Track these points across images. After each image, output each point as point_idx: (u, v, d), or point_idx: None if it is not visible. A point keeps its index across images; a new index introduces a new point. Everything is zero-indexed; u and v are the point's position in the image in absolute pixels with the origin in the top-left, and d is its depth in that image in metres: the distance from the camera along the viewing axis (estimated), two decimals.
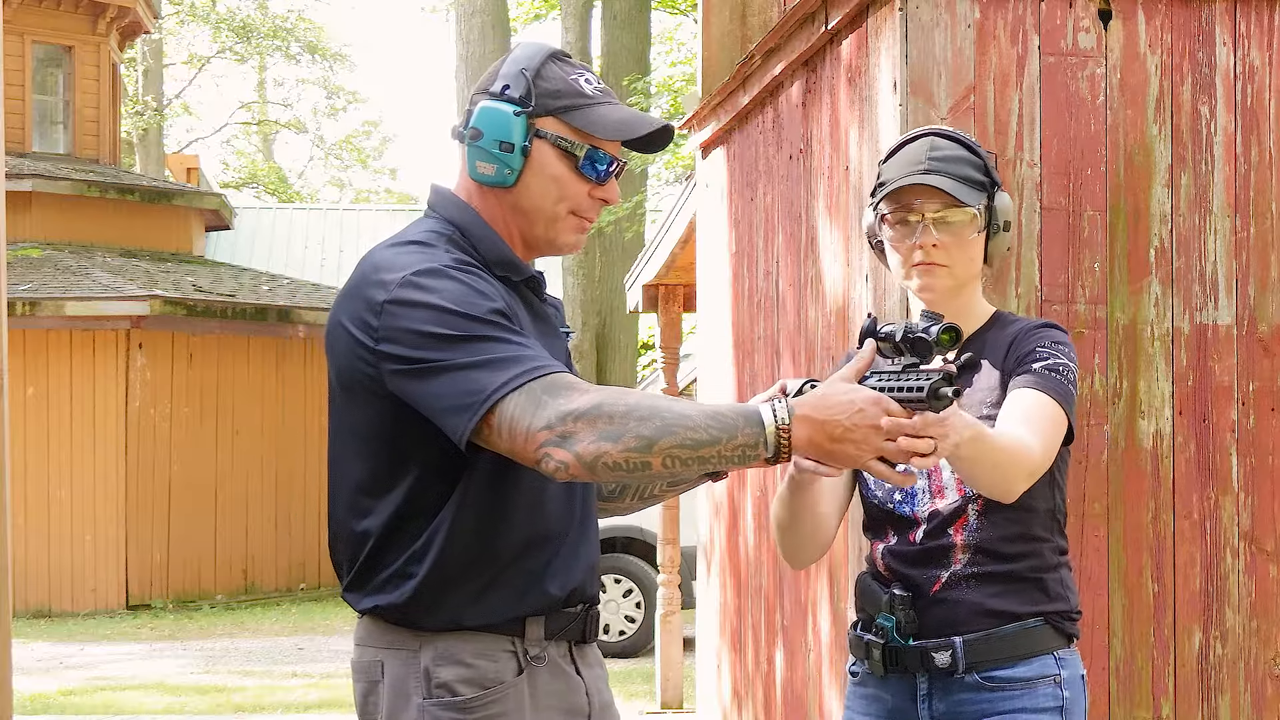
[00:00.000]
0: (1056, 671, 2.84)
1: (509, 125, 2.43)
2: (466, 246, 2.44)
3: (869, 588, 2.89)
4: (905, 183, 2.80)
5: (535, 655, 2.43)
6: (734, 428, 2.23)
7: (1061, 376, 2.78)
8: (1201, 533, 4.25)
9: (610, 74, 18.83)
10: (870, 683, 2.91)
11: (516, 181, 2.45)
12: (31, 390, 14.81)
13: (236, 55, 35.08)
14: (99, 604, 14.93)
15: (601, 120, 2.44)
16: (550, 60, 2.47)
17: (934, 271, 2.82)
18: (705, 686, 7.10)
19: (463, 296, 2.31)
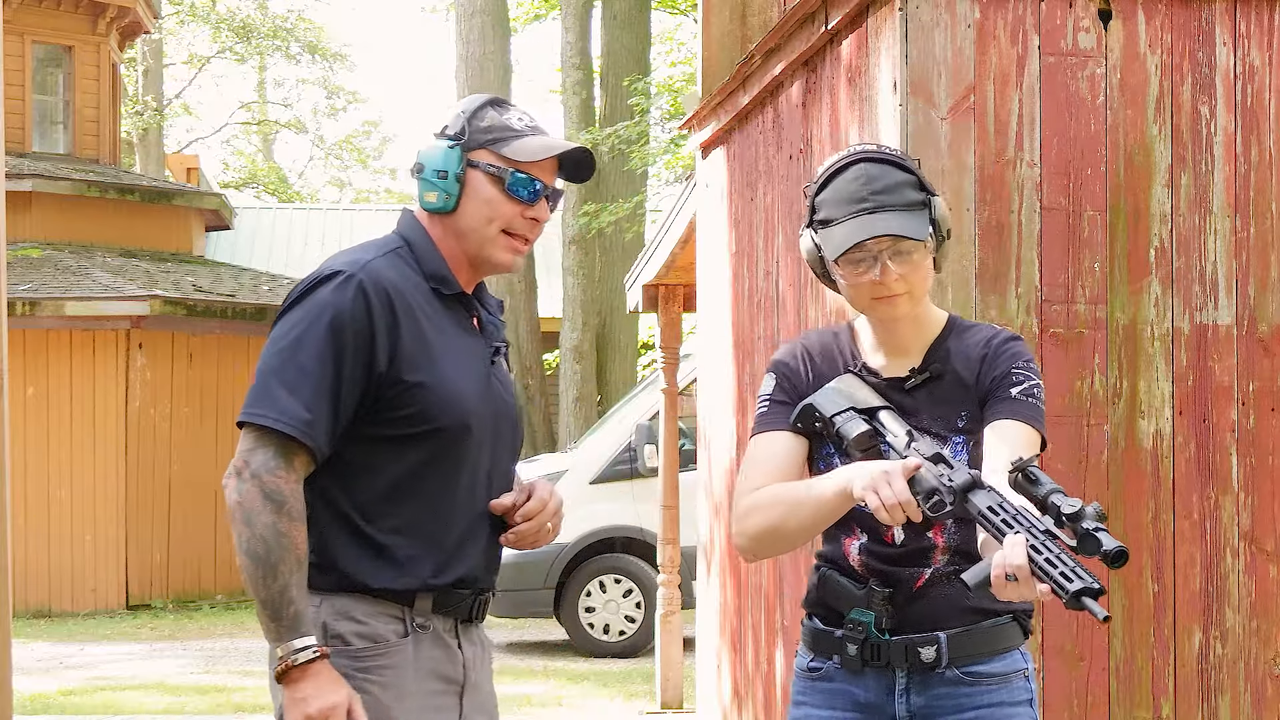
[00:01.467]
0: (1025, 665, 2.92)
1: (444, 157, 2.84)
2: (410, 259, 2.85)
3: (839, 584, 2.90)
4: (861, 237, 2.80)
5: (420, 624, 2.79)
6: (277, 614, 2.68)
7: (1036, 400, 2.85)
8: (1201, 533, 4.25)
9: (610, 74, 18.85)
10: (838, 678, 2.91)
11: (456, 206, 2.85)
12: (31, 390, 14.81)
13: (236, 55, 35.08)
14: (99, 604, 14.93)
15: (524, 147, 2.83)
16: (487, 105, 2.89)
17: (895, 301, 2.85)
18: (705, 686, 7.10)
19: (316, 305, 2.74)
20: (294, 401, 2.69)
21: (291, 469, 2.69)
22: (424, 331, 2.79)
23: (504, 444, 2.92)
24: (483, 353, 2.90)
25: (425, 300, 2.82)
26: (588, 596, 11.90)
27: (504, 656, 12.14)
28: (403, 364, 2.75)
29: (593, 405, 18.25)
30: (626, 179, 18.63)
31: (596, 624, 11.94)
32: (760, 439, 2.95)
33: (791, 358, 2.98)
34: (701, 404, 7.20)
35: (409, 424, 2.76)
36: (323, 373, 2.71)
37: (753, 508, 2.87)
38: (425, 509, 2.78)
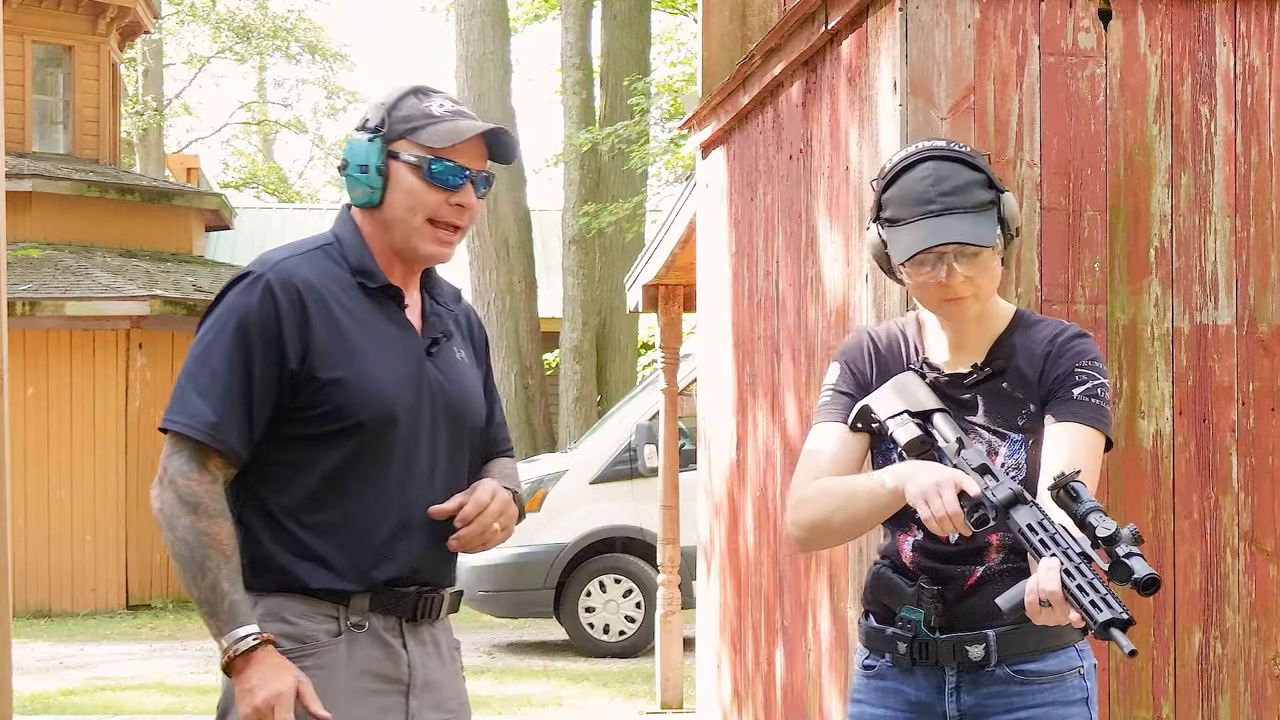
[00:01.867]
0: (1080, 663, 2.87)
1: (364, 151, 2.81)
2: (337, 255, 2.84)
3: (891, 581, 2.87)
4: (928, 244, 2.75)
5: (355, 623, 2.77)
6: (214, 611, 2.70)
7: (1100, 400, 2.80)
8: (1201, 533, 4.25)
9: (610, 74, 18.84)
10: (890, 676, 2.88)
11: (381, 200, 2.82)
12: (31, 390, 14.81)
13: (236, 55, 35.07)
14: (99, 604, 14.93)
15: (439, 132, 2.80)
16: (409, 94, 2.86)
17: (961, 303, 2.81)
18: (705, 686, 7.10)
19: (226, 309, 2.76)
20: (204, 406, 2.72)
21: (206, 471, 2.72)
22: (341, 327, 2.77)
23: (449, 435, 2.88)
24: (413, 344, 2.85)
25: (347, 295, 2.80)
26: (588, 596, 11.89)
27: (504, 656, 12.14)
28: (316, 361, 2.74)
29: (593, 405, 18.25)
30: (626, 179, 18.62)
31: (596, 624, 11.94)
32: (819, 429, 2.92)
33: (858, 348, 2.95)
34: (701, 404, 7.20)
35: (329, 420, 2.75)
36: (232, 375, 2.73)
37: (806, 499, 2.85)
38: (354, 506, 2.76)
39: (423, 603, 2.84)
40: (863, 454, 2.91)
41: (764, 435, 5.87)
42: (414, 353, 2.84)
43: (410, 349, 2.84)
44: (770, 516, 5.76)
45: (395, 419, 2.77)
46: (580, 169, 18.40)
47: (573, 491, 11.96)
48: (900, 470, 2.72)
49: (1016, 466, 2.80)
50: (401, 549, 2.80)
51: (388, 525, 2.78)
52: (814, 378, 5.12)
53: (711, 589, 6.92)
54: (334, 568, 2.75)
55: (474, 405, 2.94)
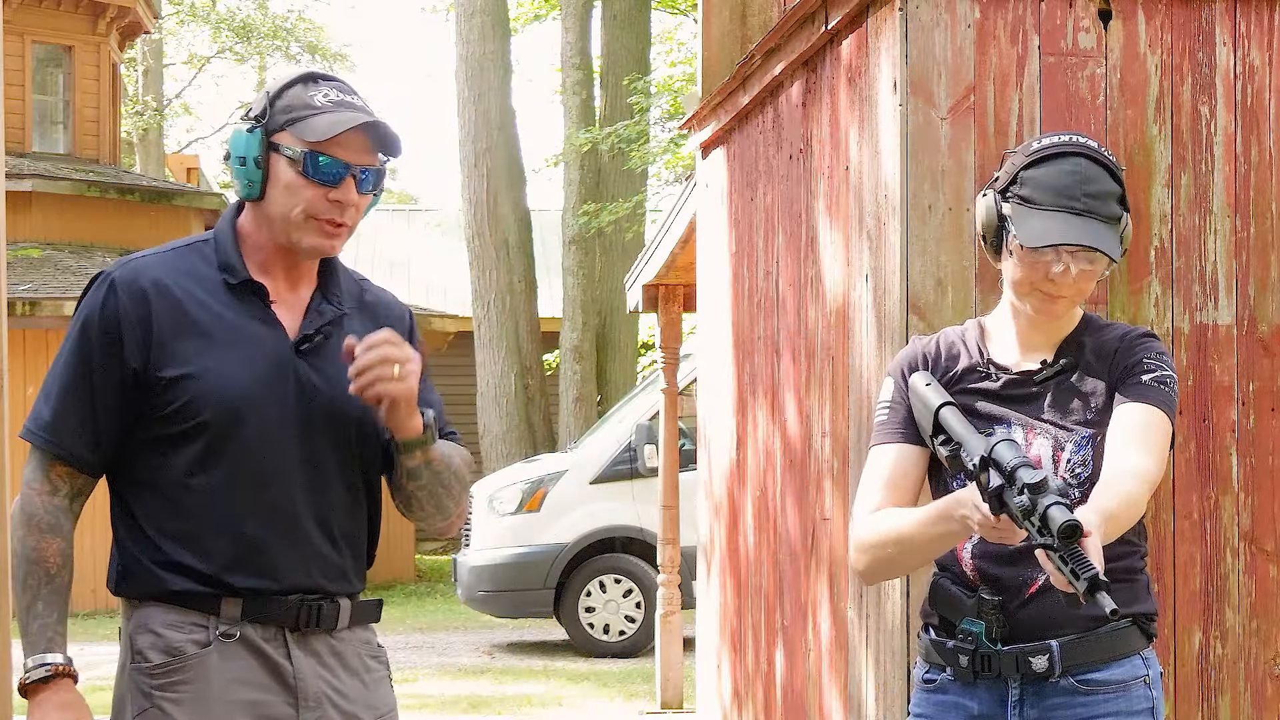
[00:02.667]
0: (1145, 672, 2.81)
1: (244, 142, 2.69)
2: (209, 251, 2.75)
3: (950, 593, 2.81)
4: (1065, 240, 2.72)
5: (225, 632, 2.65)
6: (21, 627, 2.65)
7: (1169, 389, 2.78)
8: (1201, 533, 4.25)
9: (610, 74, 18.83)
10: (952, 690, 2.82)
11: (262, 193, 2.71)
12: (31, 390, 14.77)
13: (236, 55, 35.06)
14: (99, 604, 14.92)
15: (315, 126, 2.66)
16: (295, 83, 2.72)
17: (1059, 301, 2.78)
18: (705, 686, 7.10)
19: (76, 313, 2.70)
20: (45, 409, 2.68)
21: (47, 480, 2.68)
22: (190, 324, 2.67)
23: (324, 435, 2.72)
24: (277, 341, 2.70)
25: (207, 292, 2.70)
26: (588, 596, 11.89)
27: (504, 656, 12.14)
28: (158, 359, 2.65)
29: (593, 405, 18.24)
30: (626, 179, 18.61)
31: (596, 624, 11.93)
32: (875, 452, 2.88)
33: (911, 359, 2.91)
34: (701, 404, 7.20)
35: (178, 420, 2.65)
36: (73, 378, 2.67)
37: (866, 543, 2.82)
38: (210, 509, 2.66)
39: (306, 611, 2.68)
40: (923, 469, 2.87)
41: (764, 435, 5.87)
42: (277, 350, 2.70)
43: (273, 346, 2.70)
44: (770, 516, 5.76)
45: (242, 418, 2.65)
46: (580, 169, 18.39)
47: (573, 491, 11.96)
48: (952, 510, 2.66)
49: (1082, 463, 2.76)
50: (267, 554, 2.67)
51: (248, 529, 2.66)
52: (814, 378, 5.12)
53: (711, 589, 6.92)
54: (195, 574, 2.64)
55: (354, 403, 2.72)
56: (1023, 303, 2.82)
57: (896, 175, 4.16)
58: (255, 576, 2.66)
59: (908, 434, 2.85)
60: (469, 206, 18.58)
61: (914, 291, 4.12)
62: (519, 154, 18.89)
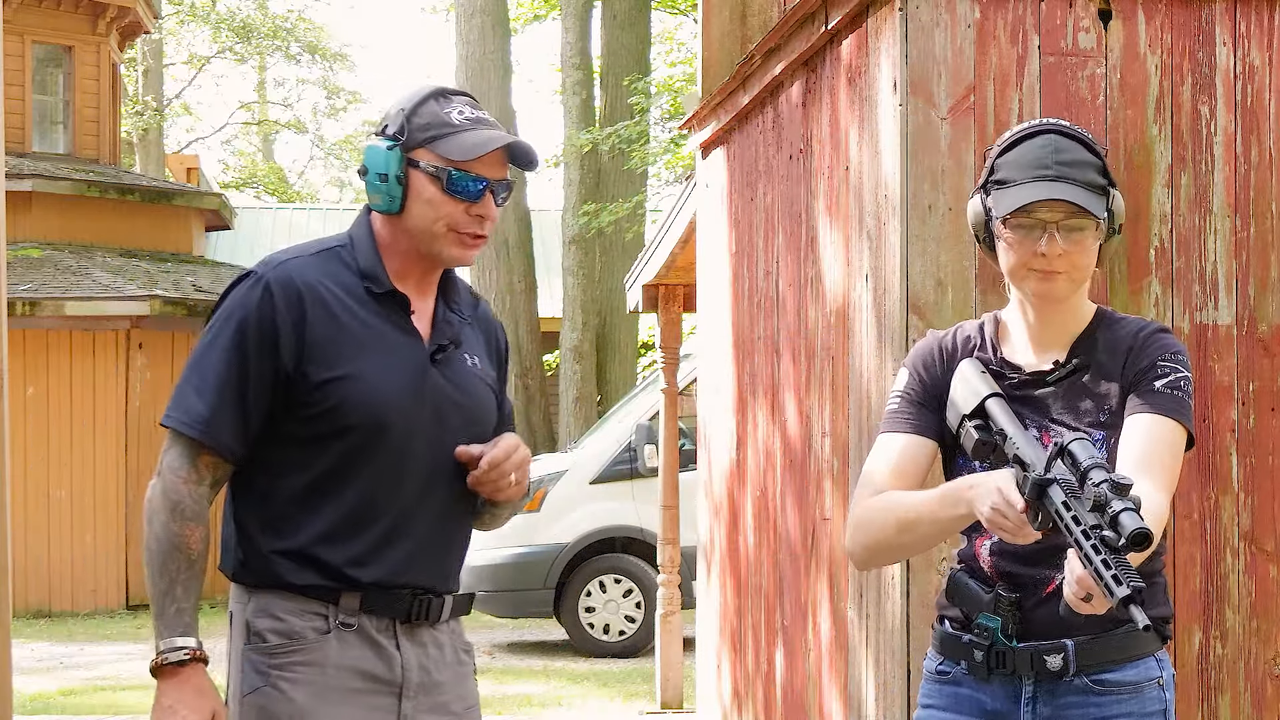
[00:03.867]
0: (1159, 674, 2.81)
1: (384, 159, 2.81)
2: (349, 257, 2.86)
3: (967, 586, 2.80)
4: (1039, 197, 2.71)
5: (344, 622, 2.78)
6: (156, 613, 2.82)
7: (1182, 392, 2.75)
8: (1201, 533, 4.25)
9: (610, 74, 18.84)
10: (965, 683, 2.82)
11: (402, 208, 2.83)
12: (31, 390, 14.81)
13: (236, 55, 35.07)
14: (99, 604, 14.93)
15: (459, 145, 2.80)
16: (430, 99, 2.85)
17: (1054, 279, 2.75)
18: (705, 686, 7.10)
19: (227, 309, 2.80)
20: (199, 403, 2.76)
21: (194, 469, 2.77)
22: (340, 329, 2.79)
23: (453, 442, 2.86)
24: (417, 351, 2.85)
25: (352, 298, 2.82)
26: (588, 596, 11.89)
27: (504, 656, 12.14)
28: (311, 362, 2.76)
29: (593, 405, 18.25)
30: (626, 179, 18.62)
31: (596, 624, 11.94)
32: (883, 439, 2.86)
33: (928, 352, 2.89)
34: (701, 404, 7.21)
35: (324, 422, 2.76)
36: (228, 374, 2.76)
37: (866, 520, 2.79)
38: (343, 508, 2.78)
39: (417, 605, 2.83)
40: (929, 462, 2.85)
41: (764, 435, 5.87)
42: (416, 359, 2.85)
43: (413, 355, 2.85)
44: (770, 516, 5.76)
45: (387, 425, 2.78)
46: (580, 169, 18.40)
47: (573, 491, 11.96)
48: (964, 491, 2.63)
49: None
50: (391, 553, 2.80)
51: (378, 529, 2.79)
52: (814, 378, 5.12)
53: (711, 589, 6.92)
54: (322, 568, 2.76)
55: (482, 413, 2.93)
56: (1022, 289, 2.81)
57: (896, 175, 4.16)
58: (377, 574, 2.78)
59: (919, 425, 2.84)
60: None
61: (914, 291, 4.12)
62: None
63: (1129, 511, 2.36)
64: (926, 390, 2.85)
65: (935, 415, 2.84)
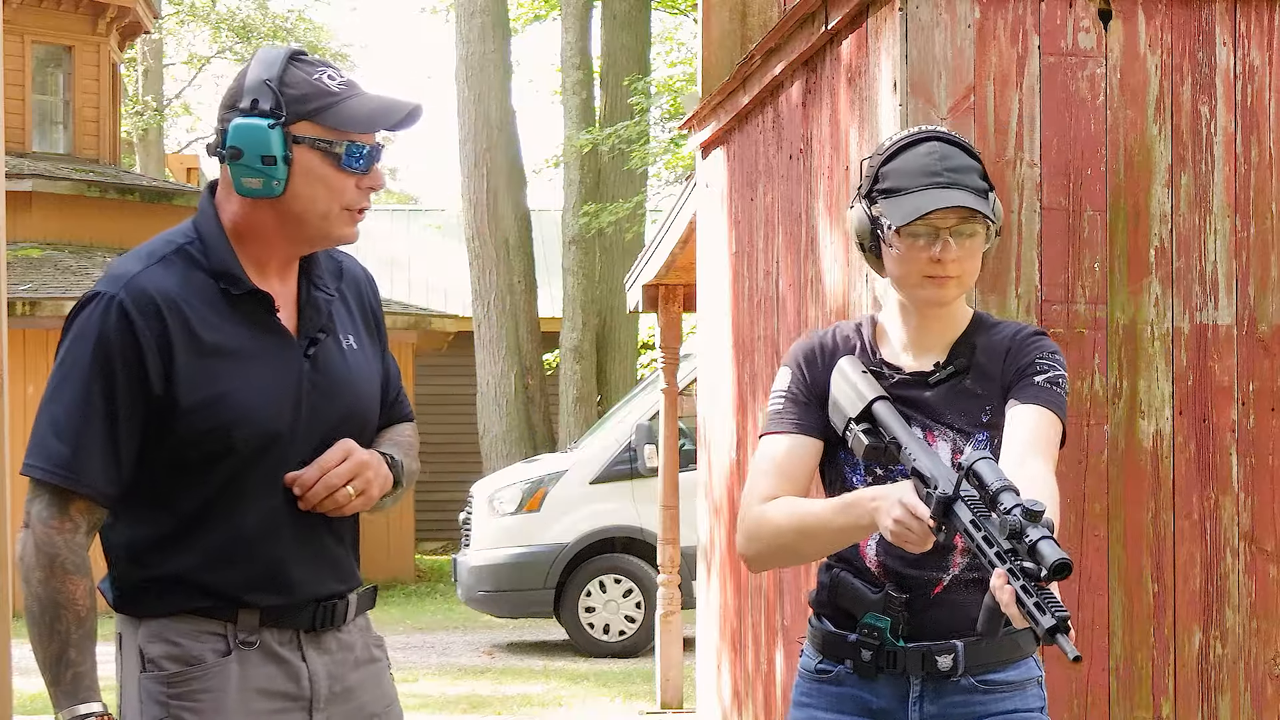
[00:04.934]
0: (1038, 673, 2.88)
1: (266, 139, 2.52)
2: (198, 254, 2.58)
3: (853, 587, 2.82)
4: (938, 205, 2.73)
5: (245, 640, 2.57)
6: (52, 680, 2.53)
7: (1060, 389, 2.80)
8: (1201, 533, 4.25)
9: (610, 74, 18.83)
10: (849, 682, 2.84)
11: (285, 189, 2.53)
12: (31, 390, 14.81)
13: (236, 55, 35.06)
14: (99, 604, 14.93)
15: (353, 114, 2.53)
16: (290, 64, 2.56)
17: (947, 284, 2.78)
18: (705, 686, 7.10)
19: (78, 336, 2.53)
20: (61, 446, 2.49)
21: (66, 517, 2.50)
22: (203, 344, 2.53)
23: (337, 436, 2.63)
24: (289, 353, 2.60)
25: (209, 305, 2.55)
26: (588, 596, 11.90)
27: (504, 656, 12.14)
28: (180, 385, 2.50)
29: (593, 405, 18.24)
30: (626, 179, 18.61)
31: (596, 624, 11.94)
32: (769, 441, 2.88)
33: (809, 349, 2.91)
34: (701, 404, 7.20)
35: (201, 447, 2.52)
36: (91, 409, 2.49)
37: (762, 527, 2.80)
38: (235, 529, 2.56)
39: (321, 612, 2.63)
40: (815, 461, 2.87)
41: None
42: (290, 363, 2.60)
43: (286, 358, 2.60)
44: None
45: (271, 441, 2.56)
46: (580, 169, 18.40)
47: (573, 491, 11.96)
48: (863, 504, 2.66)
49: None
50: (288, 571, 2.60)
51: (270, 549, 2.58)
52: None
53: (711, 589, 6.92)
54: (214, 594, 2.56)
55: (361, 402, 2.69)
56: (913, 296, 2.83)
57: None
58: (275, 593, 2.59)
59: (804, 425, 2.85)
60: (469, 207, 18.58)
61: None
62: (519, 154, 18.89)
63: (1047, 540, 2.35)
64: (809, 389, 2.87)
65: (820, 413, 2.85)
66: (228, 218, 2.60)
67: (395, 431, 2.81)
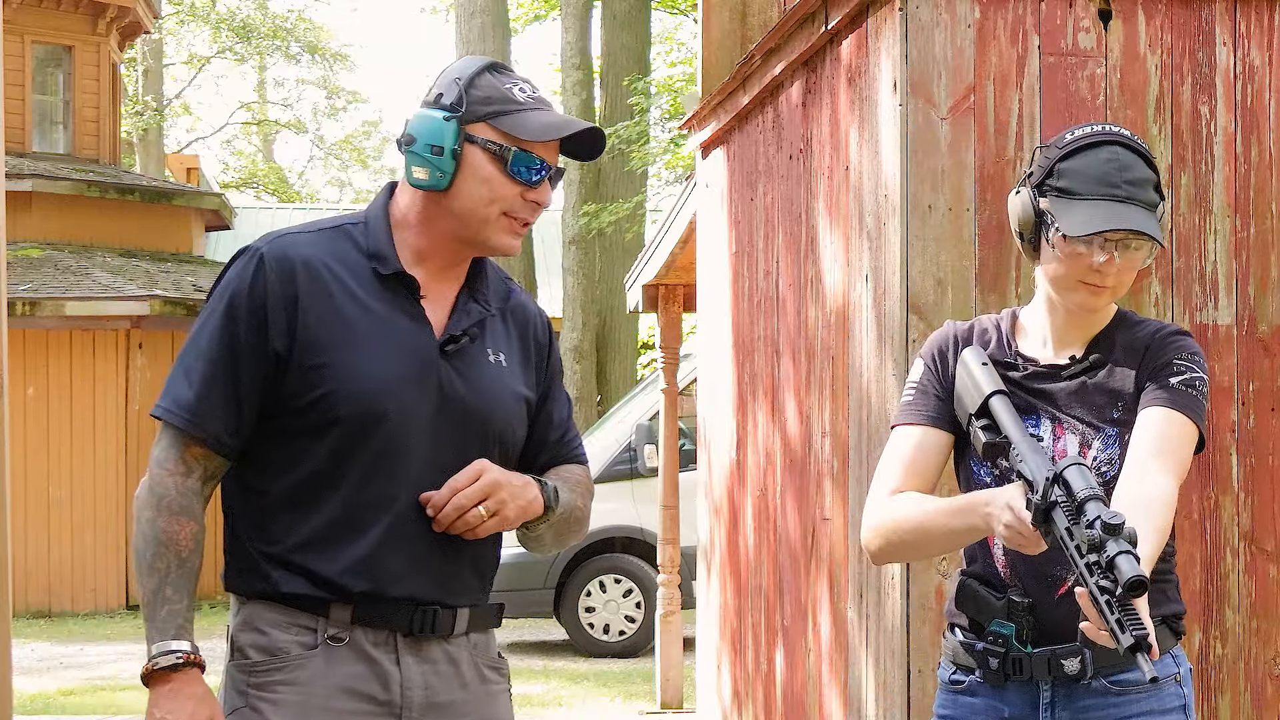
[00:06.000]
0: (1176, 670, 2.79)
1: (439, 130, 2.55)
2: (359, 235, 2.61)
3: (978, 593, 2.78)
4: (1113, 225, 2.68)
5: (334, 636, 2.53)
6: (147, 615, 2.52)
7: (1197, 392, 2.73)
8: (1201, 533, 4.25)
9: (610, 74, 18.84)
10: (981, 692, 2.79)
11: (450, 185, 2.56)
12: (31, 390, 14.81)
13: (236, 55, 35.08)
14: (99, 604, 14.93)
15: (528, 124, 2.56)
16: (485, 71, 2.60)
17: (1101, 293, 2.74)
18: (705, 686, 7.10)
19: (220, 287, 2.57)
20: (188, 390, 2.53)
21: (182, 461, 2.52)
22: (337, 311, 2.54)
23: (456, 442, 2.58)
24: (424, 339, 2.58)
25: (355, 279, 2.57)
26: (588, 596, 11.90)
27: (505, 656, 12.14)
28: (301, 344, 2.51)
29: (593, 405, 18.25)
30: (626, 179, 18.62)
31: (596, 624, 11.94)
32: (899, 432, 2.84)
33: (943, 342, 2.87)
34: (701, 404, 7.20)
35: (312, 414, 2.51)
36: (218, 356, 2.53)
37: (884, 521, 2.77)
38: (336, 509, 2.53)
39: (420, 616, 2.56)
40: (945, 454, 2.84)
41: (764, 436, 5.87)
42: (421, 348, 2.57)
43: (418, 344, 2.58)
44: (770, 517, 5.76)
45: (380, 418, 2.52)
46: (580, 169, 18.40)
47: None
48: (980, 508, 2.61)
49: (1109, 461, 2.72)
50: (386, 561, 2.53)
51: (371, 535, 2.53)
52: (814, 378, 5.12)
53: (711, 589, 6.92)
54: (310, 575, 2.52)
55: (497, 413, 2.63)
56: (1065, 298, 2.78)
57: (896, 175, 4.16)
58: (371, 582, 2.53)
59: (934, 418, 2.82)
60: None
61: (914, 291, 4.12)
62: None
63: (1125, 555, 2.32)
64: (941, 381, 2.83)
65: (950, 405, 2.82)
66: (397, 208, 2.65)
67: (563, 469, 2.76)
